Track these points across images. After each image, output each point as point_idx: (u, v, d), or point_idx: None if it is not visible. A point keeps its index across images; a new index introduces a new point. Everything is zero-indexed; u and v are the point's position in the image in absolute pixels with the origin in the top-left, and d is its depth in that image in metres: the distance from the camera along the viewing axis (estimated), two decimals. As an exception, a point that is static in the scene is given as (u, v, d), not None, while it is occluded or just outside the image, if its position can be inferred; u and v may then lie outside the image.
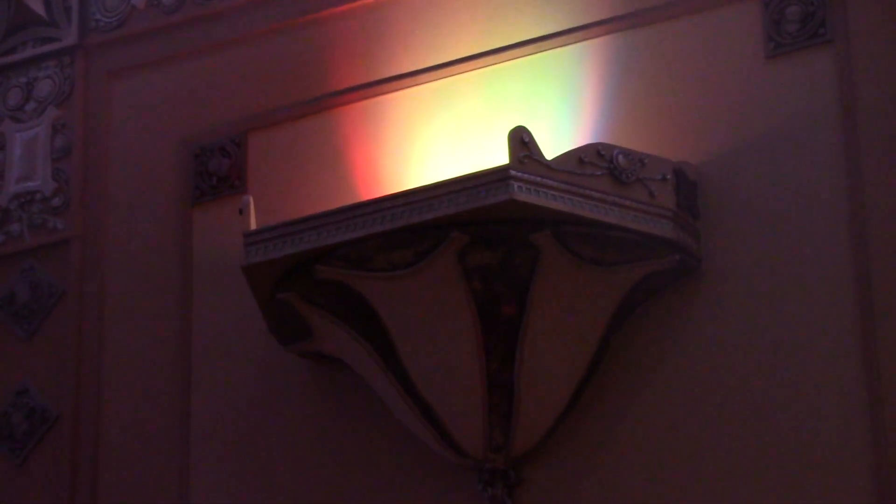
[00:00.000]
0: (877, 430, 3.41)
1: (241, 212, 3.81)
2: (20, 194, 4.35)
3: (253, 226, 3.77)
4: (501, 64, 3.95)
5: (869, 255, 3.52)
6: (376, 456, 3.88)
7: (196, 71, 4.32)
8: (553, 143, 3.64)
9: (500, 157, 3.54)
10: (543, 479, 3.69)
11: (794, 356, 3.55)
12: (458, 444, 3.67)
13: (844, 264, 3.54)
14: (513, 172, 3.49)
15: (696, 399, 3.61)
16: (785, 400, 3.53)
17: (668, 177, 3.62)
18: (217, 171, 4.20)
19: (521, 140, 3.53)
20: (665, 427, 3.62)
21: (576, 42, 3.89)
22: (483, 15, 4.02)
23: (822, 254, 3.57)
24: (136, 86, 4.37)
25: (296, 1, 4.23)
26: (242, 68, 4.26)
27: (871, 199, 3.54)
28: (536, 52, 3.92)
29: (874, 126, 3.58)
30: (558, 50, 3.91)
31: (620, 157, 3.59)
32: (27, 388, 4.22)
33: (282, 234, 3.71)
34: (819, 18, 3.68)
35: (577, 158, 3.57)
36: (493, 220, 3.54)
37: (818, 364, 3.53)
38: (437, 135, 3.99)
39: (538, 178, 3.51)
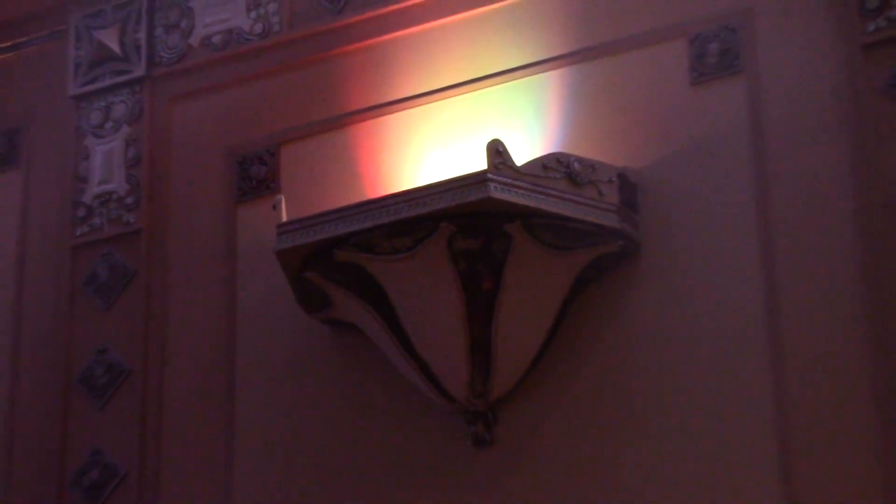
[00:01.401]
0: (778, 382, 3.41)
1: (274, 208, 3.81)
2: (100, 194, 4.29)
3: (284, 219, 3.77)
4: (480, 90, 3.92)
5: (772, 244, 3.50)
6: (381, 401, 3.86)
7: (239, 96, 4.27)
8: (522, 153, 3.64)
9: (479, 163, 3.55)
10: (515, 418, 3.68)
11: (711, 321, 3.53)
12: (447, 391, 3.67)
13: (752, 249, 3.52)
14: (490, 176, 3.50)
15: (635, 354, 3.60)
16: (703, 356, 3.52)
17: (614, 179, 3.62)
18: (256, 176, 4.16)
19: (496, 150, 3.54)
20: (609, 377, 3.61)
21: (539, 72, 3.86)
22: (466, 51, 3.97)
23: (733, 241, 3.55)
24: (191, 108, 4.32)
25: (317, 40, 4.16)
26: (275, 94, 4.22)
27: (775, 199, 3.52)
28: (508, 81, 3.89)
29: (777, 140, 3.55)
30: (526, 79, 3.87)
31: (575, 164, 3.59)
32: (106, 347, 4.19)
33: (307, 225, 3.71)
34: (734, 53, 3.65)
35: (541, 164, 3.58)
36: (474, 214, 3.54)
37: (729, 327, 3.51)
38: (429, 145, 3.95)
39: (510, 181, 3.52)
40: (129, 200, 4.25)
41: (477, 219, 3.55)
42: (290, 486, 3.92)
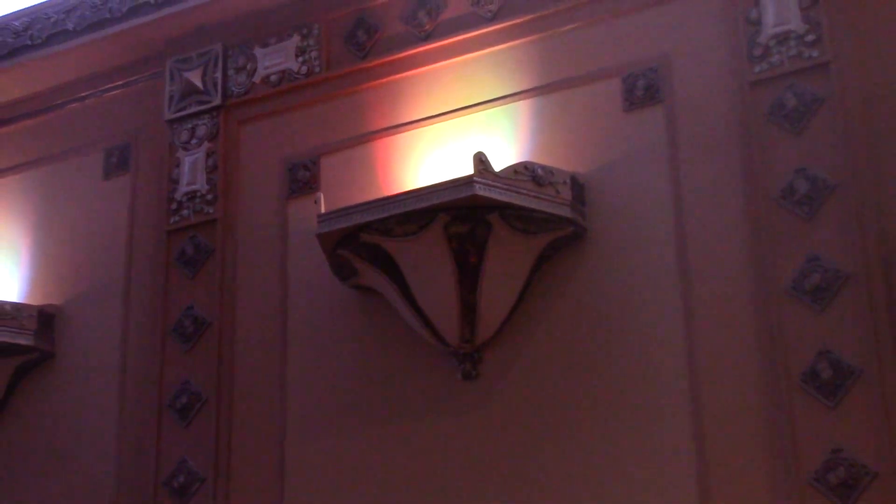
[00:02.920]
0: (688, 336, 3.41)
1: (315, 202, 3.82)
2: (187, 193, 4.26)
3: (322, 210, 3.77)
4: (468, 115, 3.90)
5: (683, 231, 3.50)
6: (394, 345, 3.83)
7: (289, 120, 4.23)
8: (499, 161, 3.63)
9: (467, 169, 3.56)
10: (495, 358, 3.67)
11: (636, 284, 3.54)
12: (443, 338, 3.67)
13: (669, 234, 3.51)
14: (475, 179, 3.51)
15: (583, 311, 3.59)
16: (630, 311, 3.52)
17: (567, 181, 3.62)
18: (302, 179, 4.13)
19: (480, 159, 3.55)
20: (564, 327, 3.60)
21: (512, 102, 3.84)
22: (457, 87, 3.93)
23: (655, 228, 3.54)
24: (254, 129, 4.29)
25: (347, 78, 4.13)
26: (316, 118, 4.17)
27: (686, 198, 3.51)
28: (488, 108, 3.87)
29: (687, 153, 3.55)
30: (501, 106, 3.85)
31: (539, 170, 3.60)
32: (192, 305, 4.15)
33: (340, 215, 3.71)
34: (656, 87, 3.63)
35: (513, 170, 3.59)
36: (463, 207, 3.55)
37: (649, 289, 3.51)
38: (430, 155, 3.93)
39: (490, 182, 3.53)
40: (208, 197, 4.23)
41: (466, 210, 3.56)
42: (330, 409, 3.88)
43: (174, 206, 4.30)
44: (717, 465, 3.28)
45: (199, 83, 4.36)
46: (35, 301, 4.47)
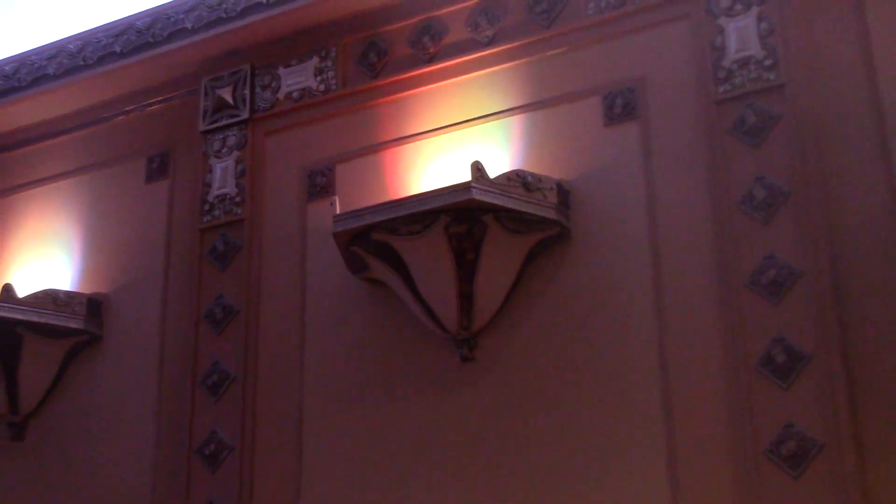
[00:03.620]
0: (661, 330, 3.40)
1: (331, 204, 3.81)
2: (219, 195, 4.24)
3: (337, 212, 3.76)
4: (466, 128, 3.90)
5: (657, 232, 3.49)
6: (400, 331, 3.83)
7: (309, 132, 4.21)
8: (493, 169, 3.63)
9: (465, 176, 3.55)
10: (489, 343, 3.66)
11: (614, 280, 3.53)
12: (443, 325, 3.66)
13: (643, 234, 3.51)
14: (472, 184, 3.51)
15: (567, 302, 3.59)
16: (608, 301, 3.52)
17: (553, 187, 3.61)
18: (319, 184, 4.12)
19: (477, 167, 3.55)
20: (550, 317, 3.60)
21: (505, 117, 3.83)
22: (457, 104, 3.93)
23: (632, 229, 3.54)
24: (278, 139, 4.27)
25: (360, 95, 4.12)
26: (332, 130, 4.16)
27: (659, 202, 3.50)
28: (485, 122, 3.87)
29: (660, 163, 3.54)
30: (497, 121, 3.85)
31: (528, 177, 3.59)
32: (222, 294, 4.14)
33: (352, 216, 3.71)
34: (633, 105, 3.63)
35: (506, 177, 3.58)
36: (462, 209, 3.54)
37: (625, 284, 3.50)
38: (433, 163, 3.92)
39: (486, 188, 3.52)
40: (237, 199, 4.22)
41: (464, 212, 3.55)
42: (343, 386, 3.87)
43: (207, 207, 4.30)
44: (683, 437, 3.29)
45: (229, 99, 4.36)
46: (85, 290, 4.48)
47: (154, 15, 4.44)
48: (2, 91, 4.68)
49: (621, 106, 3.66)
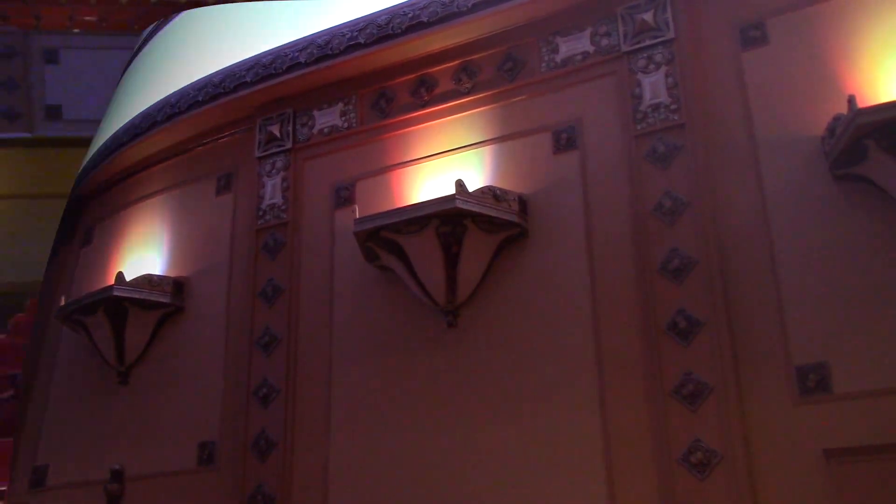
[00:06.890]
0: (595, 321, 3.33)
1: (353, 211, 3.77)
2: (270, 205, 4.16)
3: (357, 216, 3.72)
4: (452, 155, 3.83)
5: (591, 234, 3.45)
6: (402, 306, 3.76)
7: (337, 158, 4.14)
8: (472, 185, 3.61)
9: (451, 190, 3.54)
10: (469, 313, 3.61)
11: (560, 272, 3.48)
12: (435, 300, 3.62)
13: (580, 236, 3.47)
14: (457, 196, 3.50)
15: (526, 286, 3.54)
16: (555, 286, 3.47)
17: (516, 199, 3.59)
18: (344, 197, 4.06)
19: (460, 184, 3.54)
20: (514, 296, 3.55)
21: (479, 147, 3.79)
22: (444, 136, 3.86)
23: (572, 232, 3.50)
24: (314, 164, 4.19)
25: (373, 131, 4.06)
26: (353, 157, 4.10)
27: (592, 211, 3.47)
28: (465, 151, 3.81)
29: (593, 181, 3.51)
30: (473, 150, 3.80)
31: (497, 191, 3.58)
32: (272, 277, 4.08)
33: (368, 220, 3.67)
34: (573, 139, 3.60)
35: (481, 191, 3.57)
36: (449, 215, 3.52)
37: (565, 276, 3.45)
38: (428, 180, 3.85)
39: (466, 199, 3.51)
40: (283, 208, 4.16)
41: (450, 217, 3.53)
42: (361, 345, 3.80)
43: (261, 213, 4.24)
44: (610, 381, 3.28)
45: (277, 134, 4.31)
46: (171, 274, 4.43)
47: (225, 73, 4.47)
48: (131, 136, 4.73)
49: (566, 139, 3.66)
